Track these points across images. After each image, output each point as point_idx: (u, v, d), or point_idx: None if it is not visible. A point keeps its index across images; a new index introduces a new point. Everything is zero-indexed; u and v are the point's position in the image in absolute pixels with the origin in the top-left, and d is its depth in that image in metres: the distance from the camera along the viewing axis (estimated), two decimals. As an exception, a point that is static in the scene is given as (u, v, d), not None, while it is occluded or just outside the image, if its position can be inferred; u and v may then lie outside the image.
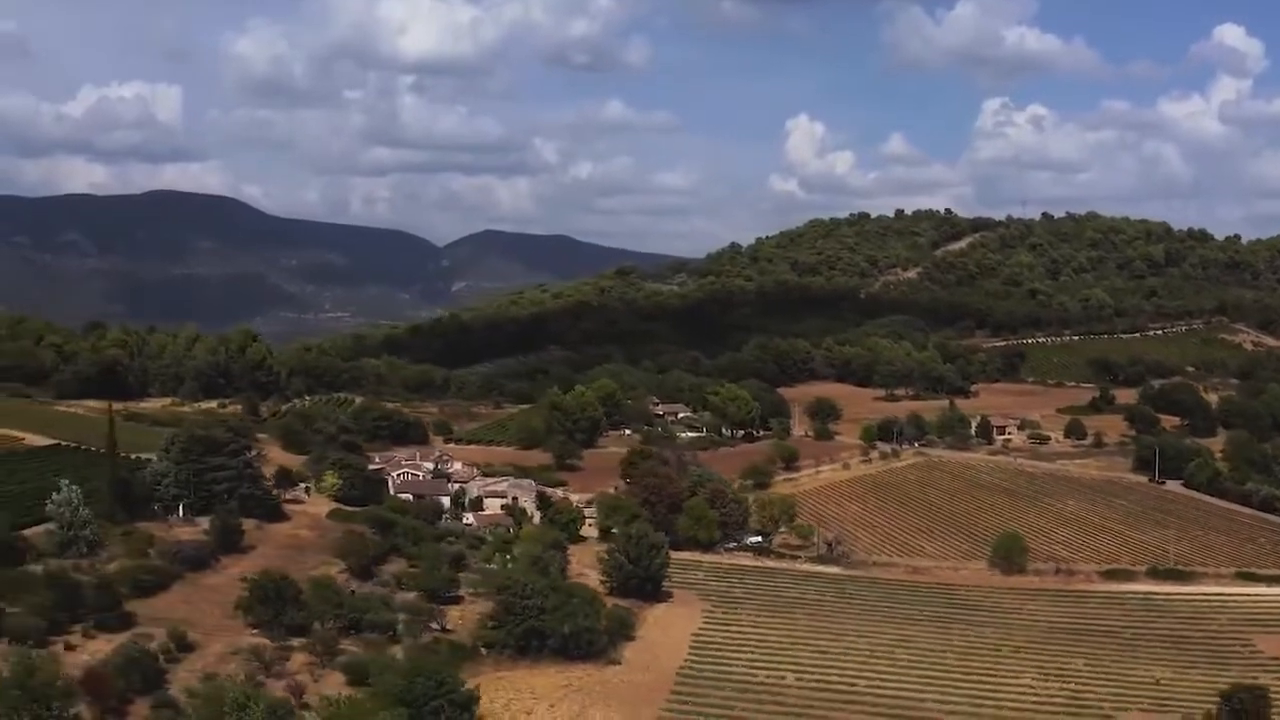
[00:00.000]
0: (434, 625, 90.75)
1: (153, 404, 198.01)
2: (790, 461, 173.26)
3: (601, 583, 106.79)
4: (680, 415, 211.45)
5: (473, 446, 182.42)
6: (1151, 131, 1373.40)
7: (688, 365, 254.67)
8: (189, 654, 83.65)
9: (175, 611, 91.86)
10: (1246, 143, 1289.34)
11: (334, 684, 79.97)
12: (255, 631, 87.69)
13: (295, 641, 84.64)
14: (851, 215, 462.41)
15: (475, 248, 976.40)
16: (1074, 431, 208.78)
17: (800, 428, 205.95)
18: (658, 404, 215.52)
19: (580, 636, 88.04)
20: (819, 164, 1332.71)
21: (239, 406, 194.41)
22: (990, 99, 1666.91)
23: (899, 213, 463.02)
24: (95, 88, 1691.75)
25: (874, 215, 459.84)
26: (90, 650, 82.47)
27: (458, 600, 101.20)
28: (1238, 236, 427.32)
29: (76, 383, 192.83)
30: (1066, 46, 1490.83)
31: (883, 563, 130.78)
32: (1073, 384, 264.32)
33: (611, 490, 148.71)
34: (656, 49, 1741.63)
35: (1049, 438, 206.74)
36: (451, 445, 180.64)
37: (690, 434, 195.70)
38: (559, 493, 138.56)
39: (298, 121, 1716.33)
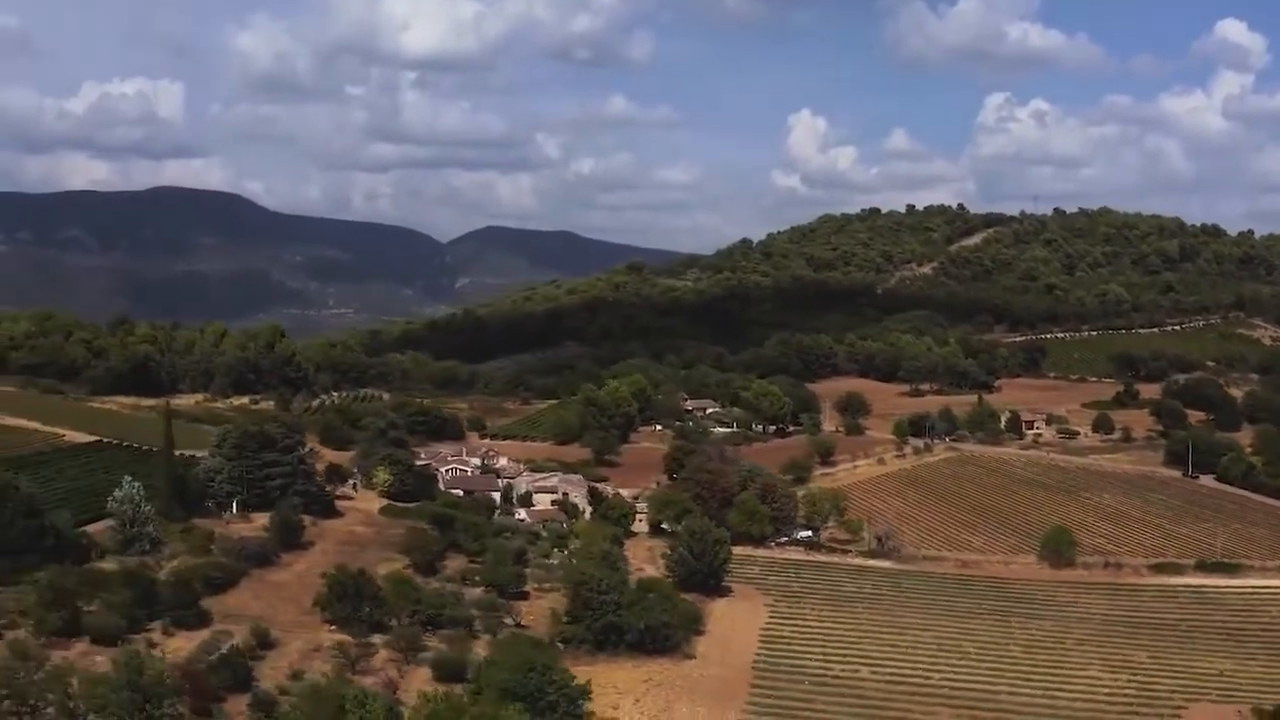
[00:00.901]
0: (509, 620, 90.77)
1: (184, 400, 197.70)
2: (826, 456, 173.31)
3: (664, 577, 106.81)
4: (709, 411, 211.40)
5: (508, 442, 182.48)
6: (1154, 127, 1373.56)
7: (712, 361, 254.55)
8: (270, 651, 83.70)
9: (248, 608, 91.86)
10: (1249, 138, 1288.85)
11: (419, 680, 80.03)
12: (333, 628, 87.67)
13: (376, 638, 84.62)
14: (863, 211, 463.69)
15: (478, 244, 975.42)
16: (1102, 426, 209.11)
17: (830, 423, 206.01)
18: (686, 399, 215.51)
19: (657, 631, 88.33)
20: (821, 159, 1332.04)
21: (271, 403, 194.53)
22: (993, 94, 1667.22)
23: (910, 208, 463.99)
24: (98, 84, 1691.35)
25: (885, 210, 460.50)
26: (171, 648, 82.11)
27: (524, 595, 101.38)
28: (1251, 232, 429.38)
29: (109, 379, 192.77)
30: (1070, 42, 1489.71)
31: (932, 557, 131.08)
32: (1094, 379, 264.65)
33: (654, 485, 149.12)
34: (659, 44, 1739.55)
35: (1078, 433, 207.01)
36: (487, 440, 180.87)
37: (720, 429, 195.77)
38: (609, 488, 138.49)
39: (300, 117, 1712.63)
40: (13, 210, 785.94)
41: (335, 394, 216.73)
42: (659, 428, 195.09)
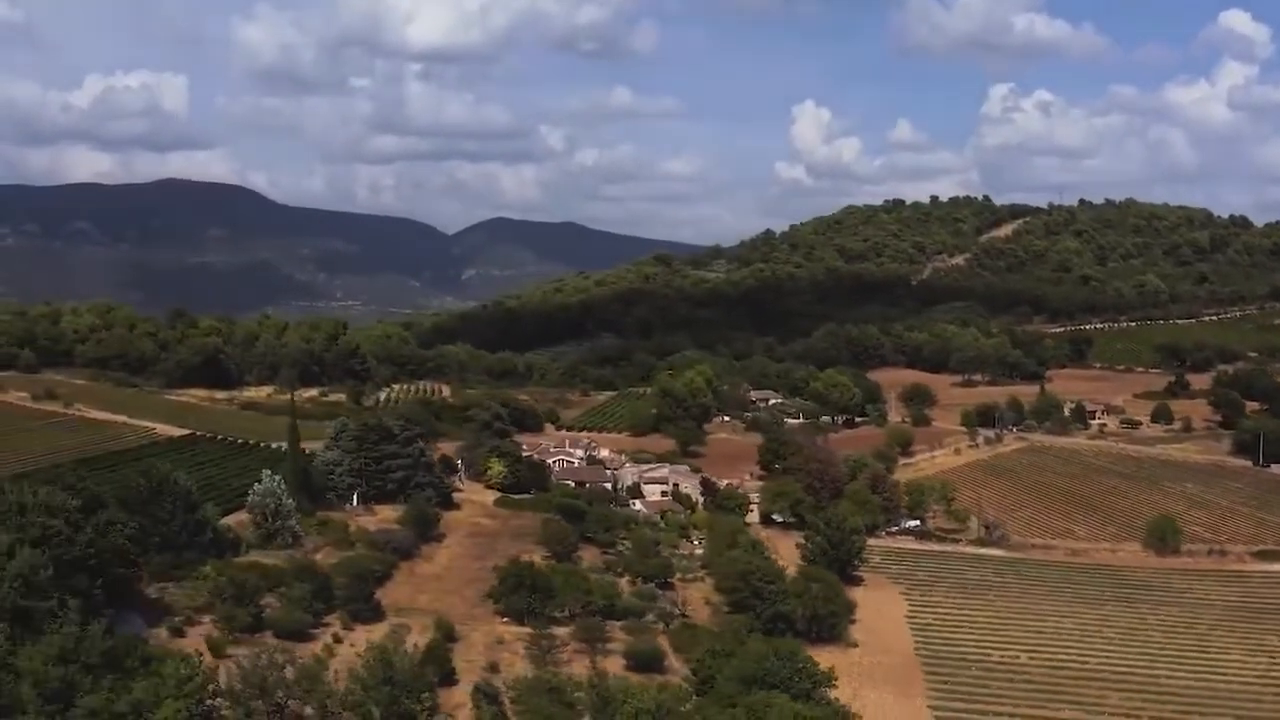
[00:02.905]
0: (677, 610, 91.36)
1: (253, 392, 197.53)
2: (905, 447, 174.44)
3: (802, 565, 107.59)
4: (771, 401, 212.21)
5: (584, 433, 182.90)
6: (1158, 117, 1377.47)
7: (763, 352, 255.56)
8: (453, 644, 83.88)
9: (415, 601, 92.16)
10: (1254, 128, 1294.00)
11: (612, 671, 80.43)
12: (506, 620, 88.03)
13: (556, 630, 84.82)
14: (887, 202, 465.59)
15: (485, 235, 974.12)
16: (1161, 417, 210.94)
17: (895, 414, 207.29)
18: (749, 391, 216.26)
19: (824, 620, 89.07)
20: (825, 150, 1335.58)
21: (342, 395, 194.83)
22: (997, 84, 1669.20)
23: (934, 199, 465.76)
24: (101, 77, 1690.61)
25: (909, 201, 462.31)
26: (358, 642, 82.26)
27: (670, 585, 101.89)
28: (1279, 223, 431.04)
29: (179, 372, 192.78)
30: (1075, 32, 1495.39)
31: (1040, 545, 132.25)
32: (1141, 369, 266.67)
33: (747, 476, 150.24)
34: (664, 34, 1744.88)
35: (1139, 423, 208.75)
36: (564, 432, 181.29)
37: (789, 420, 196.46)
38: (718, 479, 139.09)
39: (304, 110, 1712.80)
40: (18, 203, 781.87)
41: (395, 386, 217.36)
42: (726, 418, 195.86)
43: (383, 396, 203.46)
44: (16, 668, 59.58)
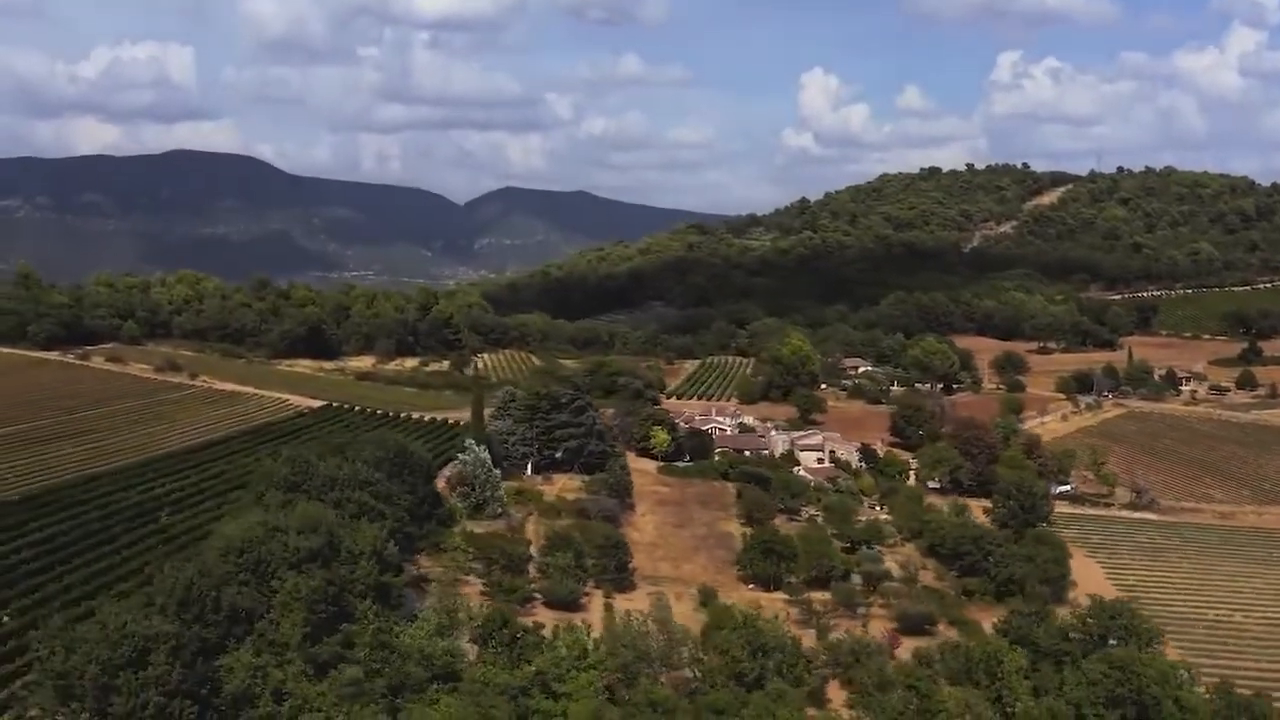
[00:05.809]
0: (913, 573, 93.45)
1: (355, 363, 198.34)
2: (1016, 413, 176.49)
3: (994, 527, 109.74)
4: (861, 369, 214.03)
5: (694, 401, 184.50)
6: (1168, 83, 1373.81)
7: (836, 319, 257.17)
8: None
9: (657, 569, 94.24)
10: (1264, 94, 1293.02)
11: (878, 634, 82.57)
12: (752, 586, 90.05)
13: (809, 595, 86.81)
14: (922, 170, 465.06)
15: (497, 205, 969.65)
16: (1247, 383, 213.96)
17: (988, 381, 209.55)
18: (841, 358, 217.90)
19: (1056, 583, 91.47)
20: (833, 117, 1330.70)
21: (443, 364, 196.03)
22: (1006, 51, 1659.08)
23: (970, 166, 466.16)
24: (109, 48, 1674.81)
25: (945, 169, 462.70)
26: (621, 610, 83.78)
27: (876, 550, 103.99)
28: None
29: (285, 342, 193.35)
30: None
31: (1190, 508, 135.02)
32: (1207, 336, 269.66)
33: (879, 442, 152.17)
34: (674, 2, 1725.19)
35: (1228, 389, 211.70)
36: (673, 400, 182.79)
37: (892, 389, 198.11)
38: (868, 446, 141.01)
39: (311, 79, 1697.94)
40: (29, 174, 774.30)
41: (485, 355, 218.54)
42: (824, 386, 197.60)
43: (479, 365, 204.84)
44: (396, 646, 60.40)
